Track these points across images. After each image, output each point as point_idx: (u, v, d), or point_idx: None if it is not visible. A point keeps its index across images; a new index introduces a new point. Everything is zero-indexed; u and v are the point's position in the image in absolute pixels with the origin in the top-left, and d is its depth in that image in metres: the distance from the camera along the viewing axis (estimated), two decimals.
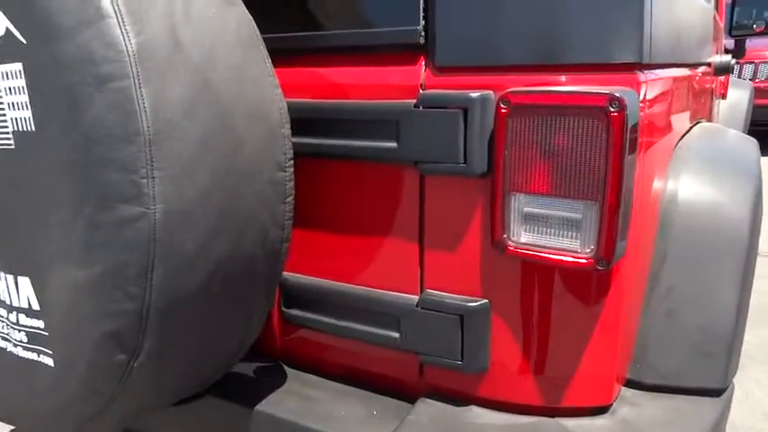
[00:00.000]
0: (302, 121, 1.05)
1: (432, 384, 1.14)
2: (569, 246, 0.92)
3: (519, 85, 0.92)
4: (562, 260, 0.92)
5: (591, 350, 1.01)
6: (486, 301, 1.04)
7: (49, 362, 1.01)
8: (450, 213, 1.03)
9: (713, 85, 2.30)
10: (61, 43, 0.80)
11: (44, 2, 0.80)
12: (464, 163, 0.96)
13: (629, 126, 0.85)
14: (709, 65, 1.96)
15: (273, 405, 1.17)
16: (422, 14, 0.99)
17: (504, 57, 0.96)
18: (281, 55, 1.04)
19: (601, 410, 1.06)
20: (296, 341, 1.29)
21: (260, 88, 0.97)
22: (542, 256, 0.94)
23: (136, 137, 0.79)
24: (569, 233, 0.92)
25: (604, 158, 0.86)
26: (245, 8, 0.99)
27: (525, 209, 0.95)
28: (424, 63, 1.01)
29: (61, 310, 0.95)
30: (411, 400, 1.16)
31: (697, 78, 1.66)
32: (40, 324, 1.00)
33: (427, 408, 1.10)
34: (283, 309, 1.24)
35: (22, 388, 1.08)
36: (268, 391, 1.22)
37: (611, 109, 0.84)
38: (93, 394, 0.97)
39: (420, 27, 1.00)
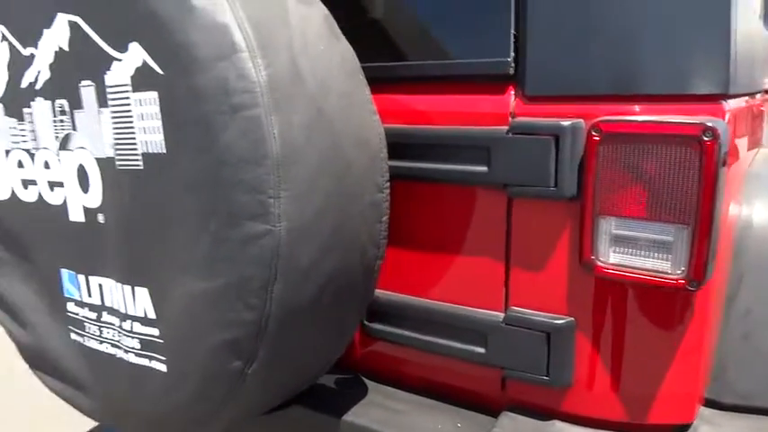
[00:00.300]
0: (396, 146, 1.12)
1: (513, 398, 1.18)
2: (660, 267, 0.96)
3: (609, 113, 0.98)
4: (653, 280, 0.97)
5: (674, 369, 1.05)
6: (573, 318, 1.08)
7: (162, 367, 1.08)
8: (538, 234, 1.08)
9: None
10: (198, 75, 0.88)
11: (182, 37, 0.88)
12: (554, 187, 1.02)
13: (721, 154, 0.90)
14: (767, 91, 1.99)
15: (359, 415, 1.23)
16: (512, 48, 1.06)
17: (592, 87, 1.02)
18: (377, 83, 1.11)
19: (682, 429, 1.09)
20: (375, 354, 1.35)
21: (363, 115, 1.05)
22: (632, 277, 0.98)
23: (265, 160, 0.87)
24: (660, 255, 0.96)
25: (697, 184, 0.91)
26: (347, 42, 1.06)
27: (615, 231, 0.99)
28: (513, 92, 1.07)
29: (179, 319, 1.02)
30: (491, 413, 1.20)
31: (759, 105, 1.70)
32: (155, 332, 1.07)
33: (511, 421, 1.15)
34: (365, 323, 1.30)
35: (132, 392, 1.15)
36: (351, 402, 1.27)
37: (705, 138, 0.89)
38: (205, 399, 1.04)
39: (510, 59, 1.06)
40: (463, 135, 1.09)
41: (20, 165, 1.23)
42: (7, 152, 1.25)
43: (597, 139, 0.97)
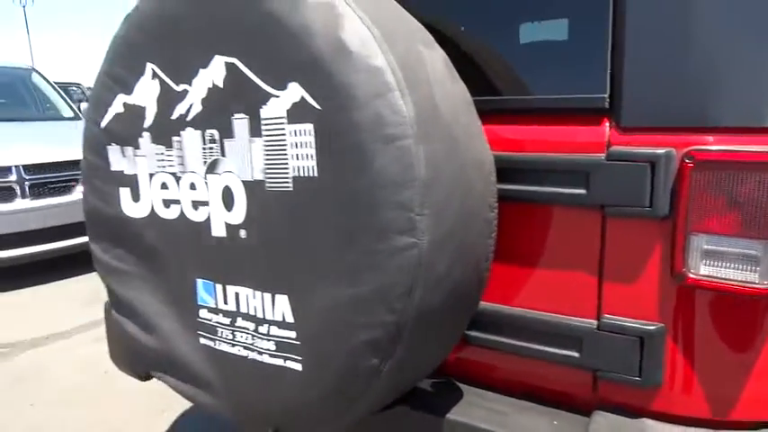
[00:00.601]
0: (502, 171, 1.26)
1: (604, 398, 1.31)
2: (748, 278, 1.10)
3: (698, 143, 1.12)
4: (741, 289, 1.10)
5: (758, 368, 1.17)
6: (663, 324, 1.21)
7: (297, 366, 1.22)
8: (631, 249, 1.22)
9: None
10: (355, 110, 1.04)
11: (341, 78, 1.04)
12: (649, 207, 1.16)
13: None
14: None
15: (462, 414, 1.36)
16: (608, 84, 1.21)
17: (682, 119, 1.16)
18: (486, 115, 1.26)
19: (764, 425, 1.21)
20: (467, 360, 1.48)
21: (479, 143, 1.20)
22: (721, 286, 1.12)
23: (413, 183, 1.02)
24: (748, 267, 1.10)
25: None
26: (461, 79, 1.22)
27: (705, 246, 1.13)
28: (608, 123, 1.22)
29: (318, 322, 1.17)
30: (581, 412, 1.33)
31: None
32: (292, 334, 1.22)
33: (604, 419, 1.27)
34: (465, 331, 1.43)
35: (263, 390, 1.29)
36: (451, 402, 1.40)
37: None
38: (340, 395, 1.18)
39: (606, 95, 1.21)
40: (564, 161, 1.23)
41: (163, 186, 1.39)
42: (151, 175, 1.41)
43: (690, 165, 1.11)
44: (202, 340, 1.40)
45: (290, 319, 1.22)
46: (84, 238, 5.22)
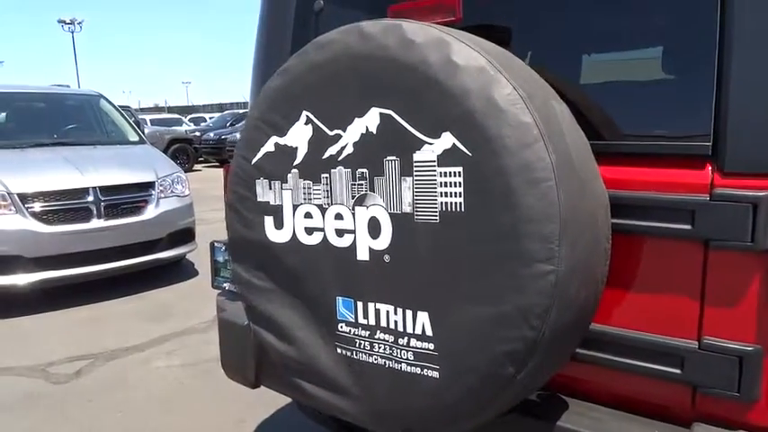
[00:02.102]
0: (613, 207, 1.45)
1: (703, 411, 1.47)
2: None
3: None
4: None
5: None
6: (760, 346, 1.37)
7: (434, 374, 1.41)
8: (731, 278, 1.39)
9: None
10: (505, 157, 1.24)
11: (493, 131, 1.25)
12: (751, 242, 1.33)
13: None
14: None
15: (571, 422, 1.53)
16: (712, 133, 1.39)
17: None
18: (599, 157, 1.45)
19: None
20: (572, 374, 1.65)
21: (598, 183, 1.39)
22: None
23: (554, 218, 1.21)
24: None
25: None
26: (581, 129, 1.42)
27: None
28: (710, 167, 1.40)
29: (457, 335, 1.36)
30: (679, 423, 1.48)
31: None
32: (430, 346, 1.41)
33: (705, 431, 1.43)
34: None
35: (398, 395, 1.48)
36: (559, 411, 1.57)
37: None
38: (474, 400, 1.36)
39: (710, 143, 1.39)
40: (671, 201, 1.41)
41: (307, 216, 1.61)
42: (295, 206, 1.63)
43: None
44: (340, 350, 1.60)
45: (429, 332, 1.42)
46: (151, 257, 5.52)
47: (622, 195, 1.47)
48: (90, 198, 5.56)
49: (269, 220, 1.70)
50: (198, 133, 21.42)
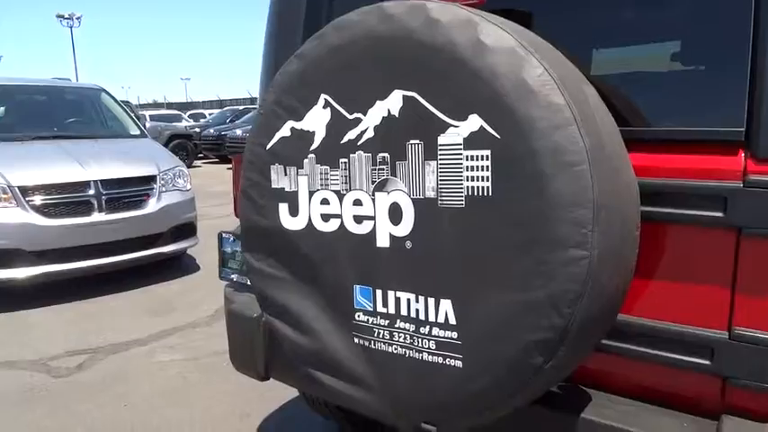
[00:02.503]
0: (643, 194, 1.41)
1: (732, 403, 1.43)
2: None
3: None
4: None
5: None
6: None
7: (457, 364, 1.37)
8: (764, 267, 1.35)
9: None
10: (536, 140, 1.20)
11: (523, 112, 1.21)
12: None
13: None
14: None
15: (596, 414, 1.49)
16: (745, 119, 1.35)
17: None
18: (628, 144, 1.41)
19: None
20: (595, 366, 1.61)
21: (628, 169, 1.35)
22: None
23: (588, 203, 1.17)
24: None
25: None
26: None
27: None
28: (743, 153, 1.36)
29: (483, 323, 1.31)
30: (707, 416, 1.44)
31: None
32: (453, 335, 1.37)
33: (735, 423, 1.39)
34: None
35: (418, 385, 1.44)
36: (583, 403, 1.53)
37: None
38: (499, 390, 1.32)
39: (743, 129, 1.35)
40: (703, 187, 1.37)
41: (323, 202, 1.57)
42: (311, 192, 1.59)
43: None
44: (357, 340, 1.56)
45: (452, 320, 1.37)
46: (152, 251, 5.47)
47: (652, 183, 1.43)
48: (91, 191, 5.50)
49: (283, 207, 1.65)
50: (198, 129, 21.33)
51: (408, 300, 1.45)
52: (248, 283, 2.36)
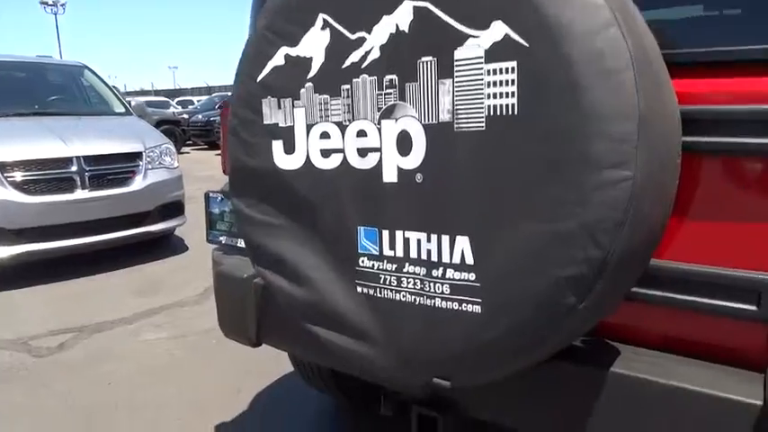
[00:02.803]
0: (684, 122, 1.25)
1: None
2: None
3: None
4: None
5: None
6: None
7: (475, 309, 1.21)
8: None
9: None
10: (571, 46, 1.03)
11: (555, 14, 1.04)
12: None
13: None
14: None
15: (626, 368, 1.33)
16: None
17: None
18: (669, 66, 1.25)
19: None
20: (620, 317, 1.46)
21: (671, 93, 1.19)
22: None
23: (632, 116, 1.01)
24: None
25: None
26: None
27: None
28: None
29: (507, 260, 1.16)
30: (752, 368, 1.29)
31: None
32: (471, 276, 1.21)
33: None
34: None
35: (433, 336, 1.28)
36: (612, 357, 1.38)
37: None
38: (524, 337, 1.17)
39: None
40: (754, 111, 1.21)
41: (323, 136, 1.40)
42: (309, 126, 1.42)
43: None
44: (361, 289, 1.40)
45: (469, 260, 1.21)
46: (139, 229, 5.30)
47: (695, 109, 1.27)
48: (74, 168, 5.29)
49: (277, 145, 1.49)
50: (186, 116, 21.00)
51: (419, 240, 1.29)
52: (238, 245, 2.20)
